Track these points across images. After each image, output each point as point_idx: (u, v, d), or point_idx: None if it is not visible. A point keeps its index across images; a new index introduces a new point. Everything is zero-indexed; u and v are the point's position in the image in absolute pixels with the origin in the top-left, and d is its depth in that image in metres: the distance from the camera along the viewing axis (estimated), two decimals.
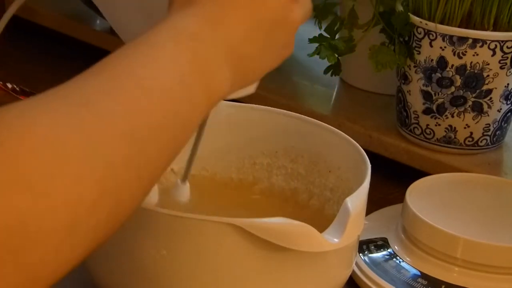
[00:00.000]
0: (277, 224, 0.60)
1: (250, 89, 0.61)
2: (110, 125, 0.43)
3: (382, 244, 0.79)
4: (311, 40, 0.95)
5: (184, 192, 0.70)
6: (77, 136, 0.41)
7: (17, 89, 1.05)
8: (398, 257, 0.77)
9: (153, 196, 0.69)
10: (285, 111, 0.80)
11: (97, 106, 0.43)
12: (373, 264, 0.77)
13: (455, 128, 0.93)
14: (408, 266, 0.76)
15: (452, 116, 0.92)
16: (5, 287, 0.38)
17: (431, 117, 0.93)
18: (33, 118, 0.41)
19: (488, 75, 0.90)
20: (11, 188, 0.38)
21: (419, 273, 0.75)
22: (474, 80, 0.90)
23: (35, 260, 0.39)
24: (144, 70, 0.47)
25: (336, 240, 0.62)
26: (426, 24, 0.90)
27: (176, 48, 0.49)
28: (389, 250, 0.78)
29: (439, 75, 0.91)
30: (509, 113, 0.94)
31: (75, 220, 0.40)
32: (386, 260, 0.77)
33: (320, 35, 0.96)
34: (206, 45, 0.50)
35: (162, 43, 0.49)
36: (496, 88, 0.91)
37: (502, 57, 0.89)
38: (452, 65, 0.90)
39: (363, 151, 0.73)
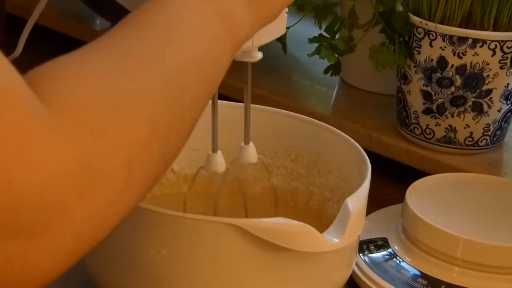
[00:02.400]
0: (277, 224, 0.60)
1: (280, 31, 0.61)
2: (151, 70, 0.46)
3: (382, 244, 0.79)
4: (311, 40, 0.95)
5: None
6: (124, 81, 0.44)
7: None
8: (398, 257, 0.77)
9: (221, 165, 0.70)
10: (285, 111, 0.80)
11: (136, 54, 0.46)
12: (373, 264, 0.77)
13: (455, 128, 0.93)
14: (408, 266, 0.76)
15: (452, 116, 0.92)
16: (77, 232, 0.40)
17: (431, 117, 0.93)
18: (82, 70, 0.44)
19: (488, 75, 0.90)
20: (73, 134, 0.40)
21: (419, 273, 0.75)
22: (474, 80, 0.90)
23: (101, 202, 0.41)
24: (164, 18, 0.49)
25: (336, 240, 0.62)
26: (426, 24, 0.90)
27: None
28: (389, 250, 0.78)
29: (439, 75, 0.91)
30: (509, 113, 0.94)
31: (132, 159, 0.43)
32: (386, 260, 0.77)
33: (320, 35, 0.96)
34: None
35: None
36: (496, 88, 0.91)
37: (502, 57, 0.89)
38: (452, 65, 0.90)
39: (363, 151, 0.73)
